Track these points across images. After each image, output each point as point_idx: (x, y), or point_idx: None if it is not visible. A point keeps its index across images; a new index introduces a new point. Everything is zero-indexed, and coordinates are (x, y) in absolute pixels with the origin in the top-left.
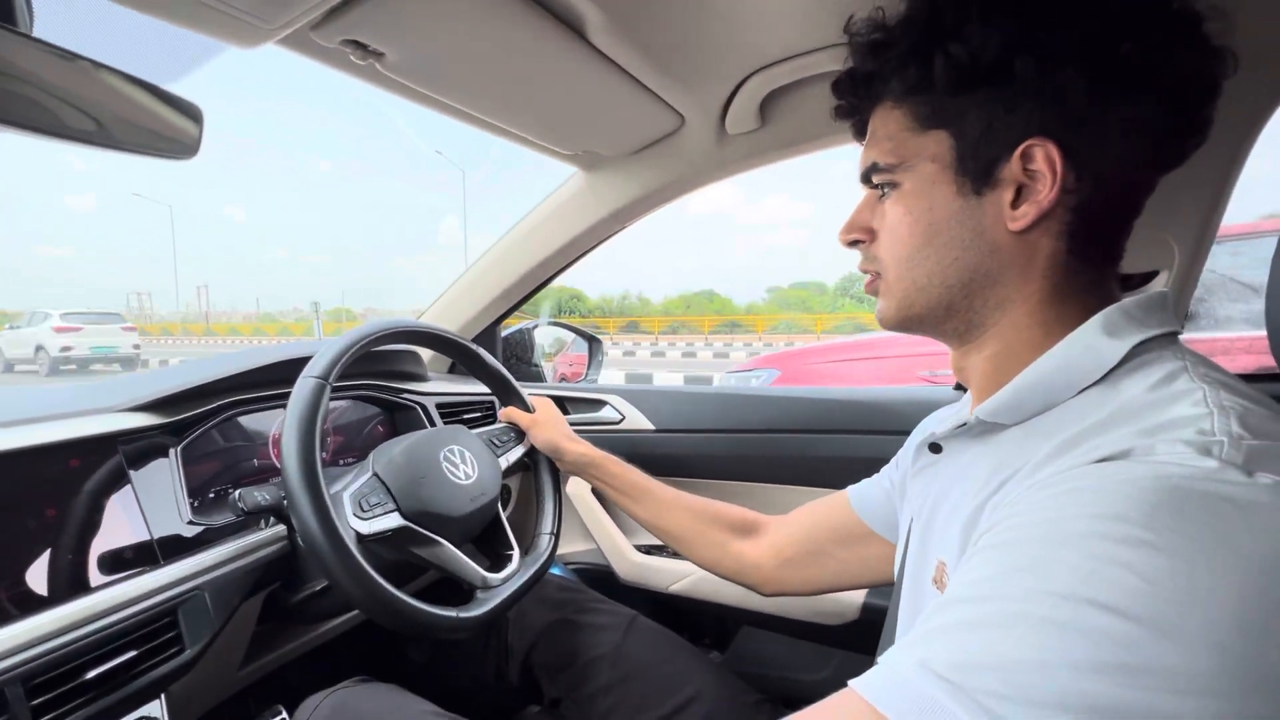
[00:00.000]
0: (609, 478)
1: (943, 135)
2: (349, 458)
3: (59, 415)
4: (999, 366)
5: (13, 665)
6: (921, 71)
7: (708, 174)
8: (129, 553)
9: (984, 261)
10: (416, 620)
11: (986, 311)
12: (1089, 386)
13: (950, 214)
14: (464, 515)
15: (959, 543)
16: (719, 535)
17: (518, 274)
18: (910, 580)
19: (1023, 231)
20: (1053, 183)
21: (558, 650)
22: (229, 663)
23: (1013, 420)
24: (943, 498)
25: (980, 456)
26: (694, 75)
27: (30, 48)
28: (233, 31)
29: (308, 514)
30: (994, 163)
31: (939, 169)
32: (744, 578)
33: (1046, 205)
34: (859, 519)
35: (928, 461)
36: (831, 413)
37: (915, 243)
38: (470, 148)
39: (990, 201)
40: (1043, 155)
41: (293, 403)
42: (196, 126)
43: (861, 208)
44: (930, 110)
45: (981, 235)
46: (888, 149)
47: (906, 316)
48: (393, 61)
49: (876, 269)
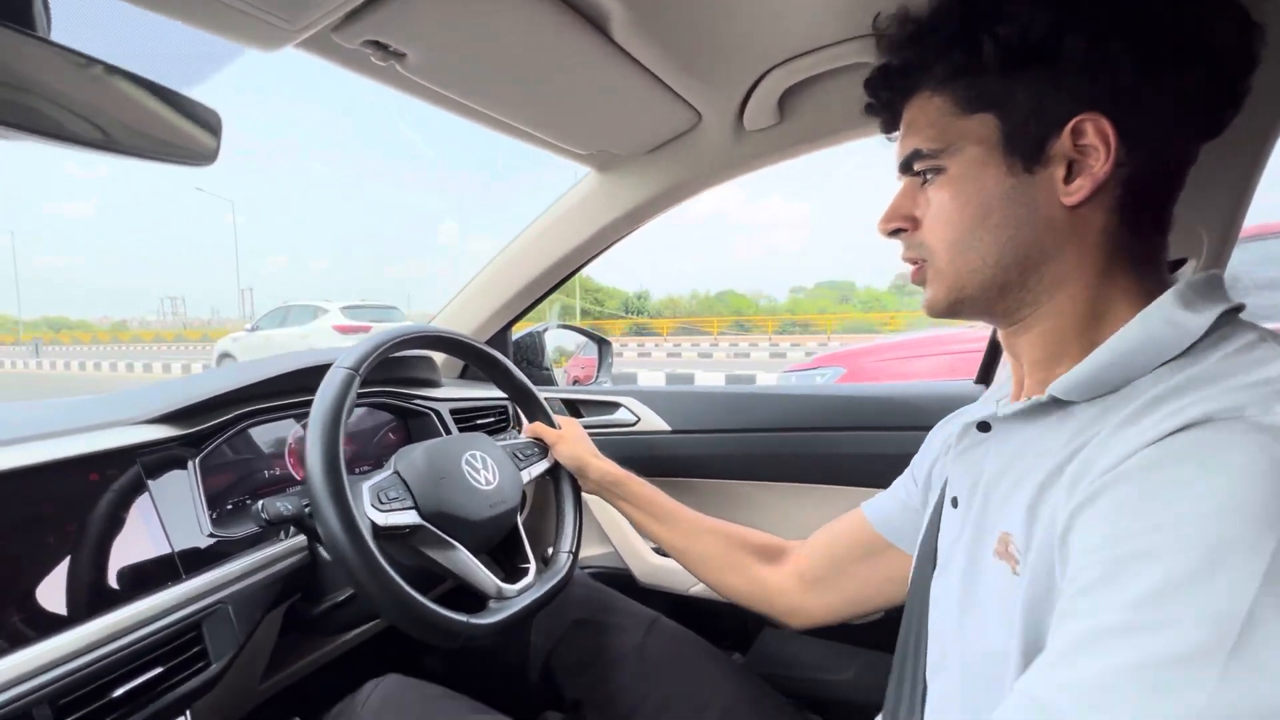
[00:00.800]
0: (631, 497)
1: (988, 117)
2: (364, 466)
3: (76, 429)
4: (1055, 341)
5: (40, 685)
6: (967, 56)
7: (723, 172)
8: (150, 566)
9: (1039, 238)
10: (426, 620)
11: (1041, 289)
12: (1168, 361)
13: (1002, 193)
14: (482, 520)
15: (1027, 513)
16: (742, 561)
17: (530, 276)
18: (963, 557)
19: (1076, 206)
20: (1106, 156)
21: (579, 650)
22: (251, 676)
23: (1085, 397)
24: (1001, 474)
25: (1045, 432)
26: (713, 71)
27: (48, 52)
28: (254, 34)
29: (325, 498)
30: (1044, 140)
31: (986, 150)
32: (768, 607)
33: (1101, 177)
34: (877, 533)
35: (974, 441)
36: (848, 410)
37: (967, 225)
38: (468, 150)
39: (1043, 178)
40: (1094, 129)
41: (322, 390)
42: (215, 133)
43: (902, 197)
44: (975, 94)
45: (1036, 212)
46: (931, 135)
47: (958, 299)
48: (413, 62)
49: (921, 255)
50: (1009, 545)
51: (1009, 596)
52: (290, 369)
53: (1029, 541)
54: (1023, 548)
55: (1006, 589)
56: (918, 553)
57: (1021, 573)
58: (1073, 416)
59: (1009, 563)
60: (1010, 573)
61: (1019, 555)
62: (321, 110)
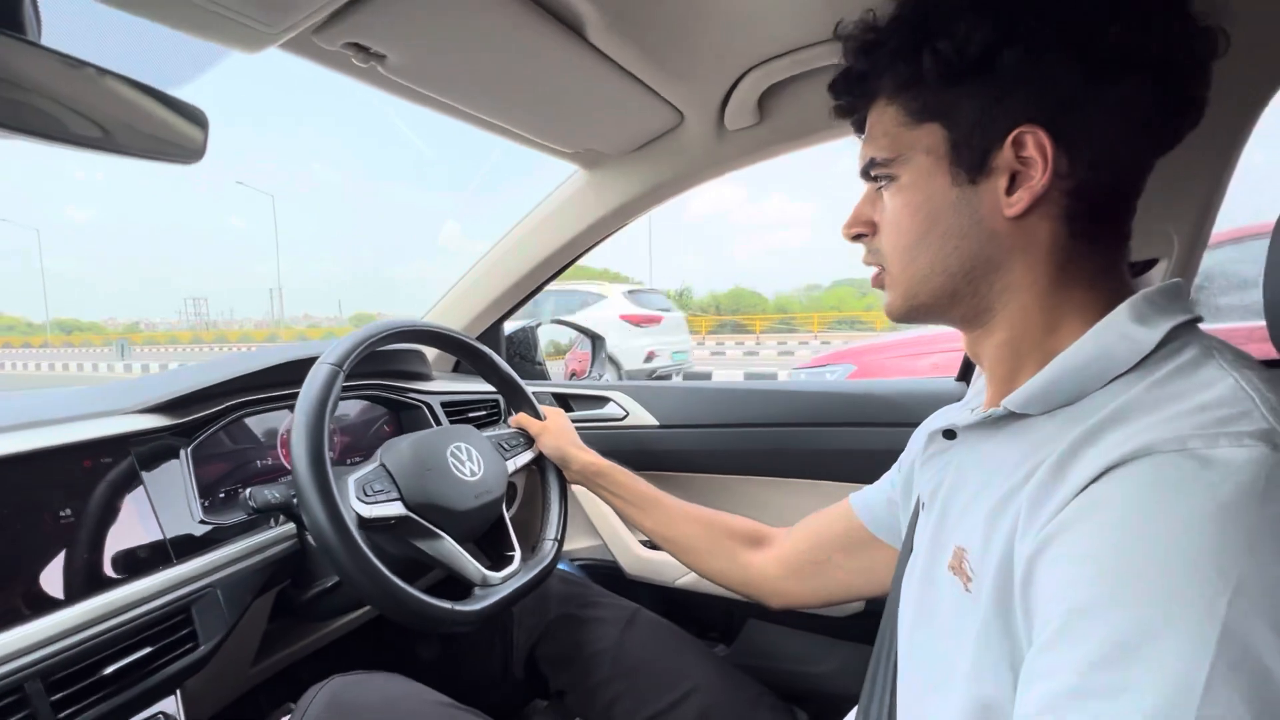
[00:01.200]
0: (615, 487)
1: (935, 128)
2: (355, 457)
3: (71, 418)
4: (1012, 352)
5: (33, 661)
6: (911, 68)
7: (708, 170)
8: (142, 552)
9: (984, 248)
10: (411, 608)
11: (992, 297)
12: (1121, 374)
13: (947, 204)
14: (467, 511)
15: (983, 531)
16: (727, 546)
17: (520, 272)
18: (921, 566)
19: (1019, 217)
20: (1044, 168)
21: (562, 644)
22: (241, 660)
23: (1040, 410)
24: (959, 485)
25: (1002, 445)
26: (692, 72)
27: (37, 55)
28: (235, 36)
29: (311, 491)
30: (987, 151)
31: (934, 160)
32: (751, 589)
33: (1039, 190)
34: (863, 525)
35: (940, 448)
36: (836, 406)
37: (916, 233)
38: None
39: (986, 189)
40: (1033, 142)
41: (306, 386)
42: (202, 130)
43: (863, 202)
44: (922, 104)
45: (980, 223)
46: (884, 144)
47: (912, 306)
48: (394, 64)
49: (880, 262)
50: (963, 560)
51: (959, 614)
52: (281, 360)
53: (983, 561)
54: (976, 566)
55: (957, 605)
56: (901, 548)
57: (974, 592)
58: (1031, 429)
59: (961, 579)
60: (962, 589)
61: (971, 573)
62: (317, 108)
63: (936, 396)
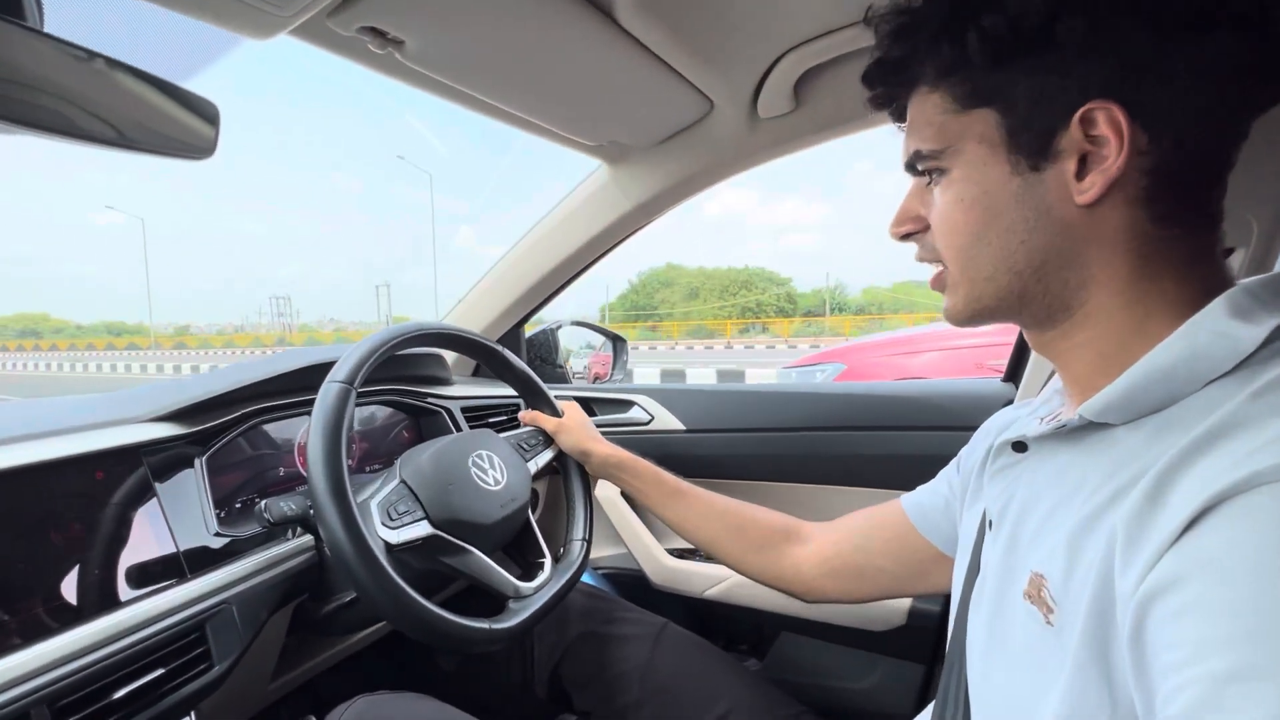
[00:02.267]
0: (638, 480)
1: (987, 113)
2: (375, 464)
3: (82, 427)
4: (1094, 354)
5: (40, 686)
6: (955, 49)
7: (737, 162)
8: (155, 566)
9: (1054, 241)
10: (448, 633)
11: (1068, 294)
12: (1218, 378)
13: (1008, 195)
14: (494, 523)
15: (1065, 558)
16: (759, 540)
17: (541, 273)
18: (991, 590)
19: (1092, 204)
20: (1120, 147)
21: (586, 663)
22: (259, 676)
23: (1124, 419)
24: (1032, 504)
25: (1082, 459)
26: (725, 56)
27: (40, 43)
28: (247, 21)
29: (335, 524)
30: (1050, 134)
31: (988, 149)
32: (785, 584)
33: (1115, 172)
34: (917, 531)
35: (1009, 461)
36: (872, 409)
37: (973, 230)
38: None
39: (1052, 176)
40: (1105, 118)
41: (317, 409)
42: (213, 126)
43: (910, 198)
44: (970, 89)
45: (1047, 214)
46: (929, 134)
47: (976, 310)
48: (412, 50)
49: (936, 258)
50: (1041, 589)
51: (1041, 648)
52: (297, 366)
53: (1067, 591)
54: (1058, 595)
55: (1038, 640)
56: (965, 567)
57: (1059, 626)
58: (1113, 442)
59: (1040, 609)
60: (1042, 621)
61: (1053, 602)
62: (340, 121)
63: (983, 399)
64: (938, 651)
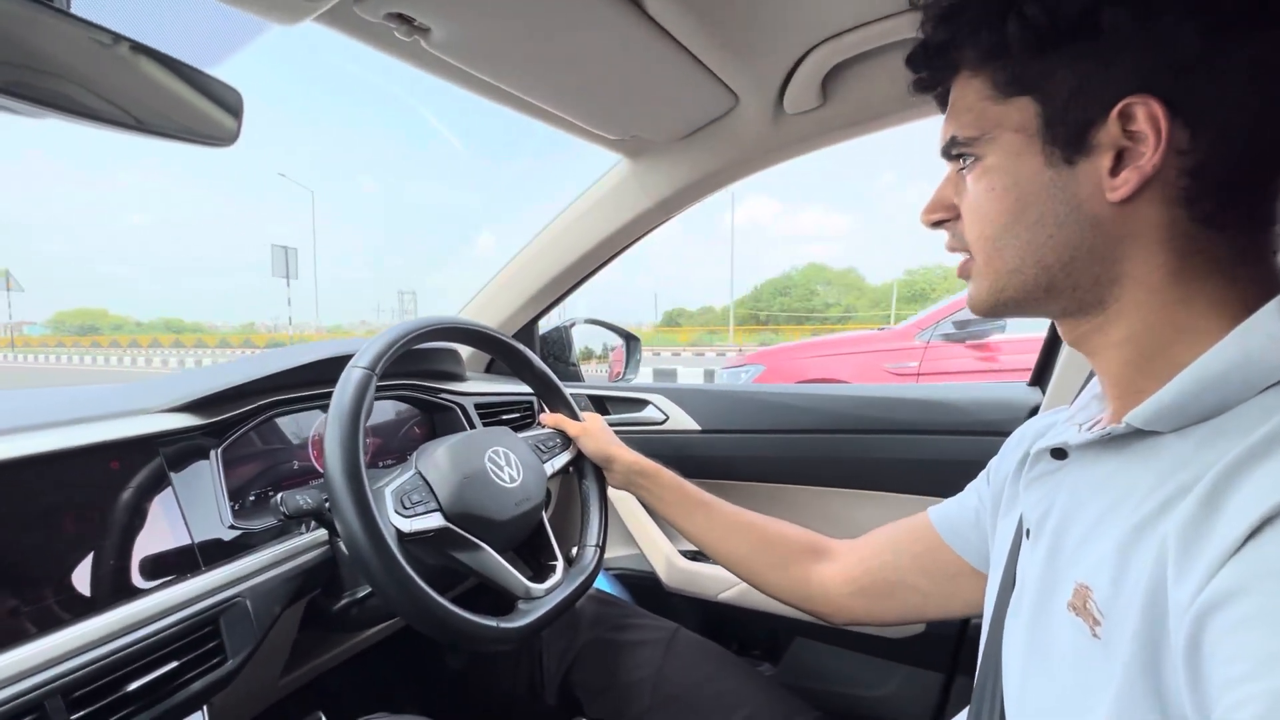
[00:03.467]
0: (662, 489)
1: (1026, 102)
2: (388, 460)
3: (99, 416)
4: (1135, 354)
5: (55, 677)
6: (996, 36)
7: (760, 158)
8: (170, 557)
9: (1084, 237)
10: (456, 628)
11: (1100, 290)
12: (1274, 384)
13: (1039, 187)
14: (508, 520)
15: (1113, 567)
16: (783, 558)
17: (559, 268)
18: (1031, 601)
19: (1126, 201)
20: (1156, 144)
21: (596, 671)
22: (270, 672)
23: (1173, 426)
24: (1075, 513)
25: (1128, 467)
26: (754, 49)
27: (66, 25)
28: (272, 5)
29: (349, 509)
30: (1087, 127)
31: (1024, 139)
32: (811, 605)
33: (1150, 170)
34: (947, 546)
35: (1048, 468)
36: (892, 411)
37: (1003, 221)
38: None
39: (1085, 170)
40: (1144, 114)
41: (337, 393)
42: (236, 114)
43: (944, 185)
44: (1010, 76)
45: (1078, 208)
46: (967, 121)
47: (999, 301)
48: (438, 38)
49: (965, 247)
50: (1087, 600)
51: (1087, 661)
52: (314, 358)
53: (1116, 602)
54: (1106, 608)
55: (1085, 651)
56: (999, 578)
57: (1106, 639)
58: (1162, 449)
59: (1086, 620)
60: (1089, 634)
61: (1100, 614)
62: (363, 126)
63: (1009, 403)
64: (957, 660)
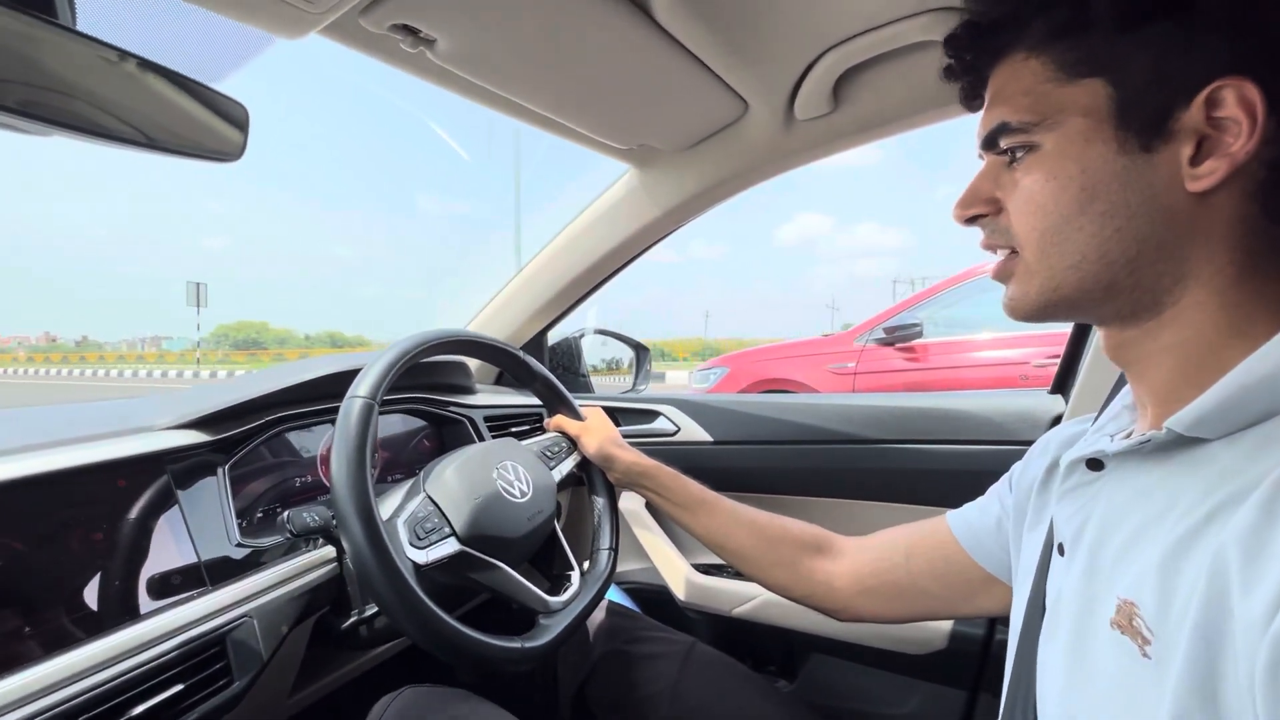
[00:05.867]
0: (663, 489)
1: (1097, 84)
2: (396, 474)
3: (106, 434)
4: (1182, 359)
5: (56, 702)
6: (1075, 12)
7: (770, 165)
8: (176, 577)
9: (1155, 231)
10: (479, 654)
11: (1160, 290)
12: None
13: (1110, 176)
14: (522, 536)
15: (1158, 582)
16: (788, 553)
17: (567, 279)
18: (1070, 619)
19: (1206, 192)
20: (1250, 132)
21: (612, 684)
22: (278, 691)
23: (1219, 433)
24: (1113, 526)
25: (1172, 477)
26: (764, 55)
27: (71, 42)
28: (277, 19)
29: (363, 547)
30: (1168, 111)
31: (1093, 124)
32: (816, 601)
33: (1242, 158)
34: (964, 552)
35: (1083, 480)
36: (909, 421)
37: (1064, 212)
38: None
39: (1164, 158)
40: (1235, 98)
41: (340, 425)
42: (242, 128)
43: (982, 178)
44: (1083, 55)
45: (1154, 199)
46: (1024, 105)
47: (1051, 301)
48: (444, 49)
49: (1009, 244)
50: (1133, 617)
51: (1135, 683)
52: (322, 374)
53: (1166, 619)
54: (1155, 625)
55: (1135, 674)
56: (1026, 595)
57: (1156, 656)
58: (1208, 457)
59: (1134, 639)
60: (1137, 653)
61: (1150, 632)
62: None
63: (1029, 412)
64: (980, 678)
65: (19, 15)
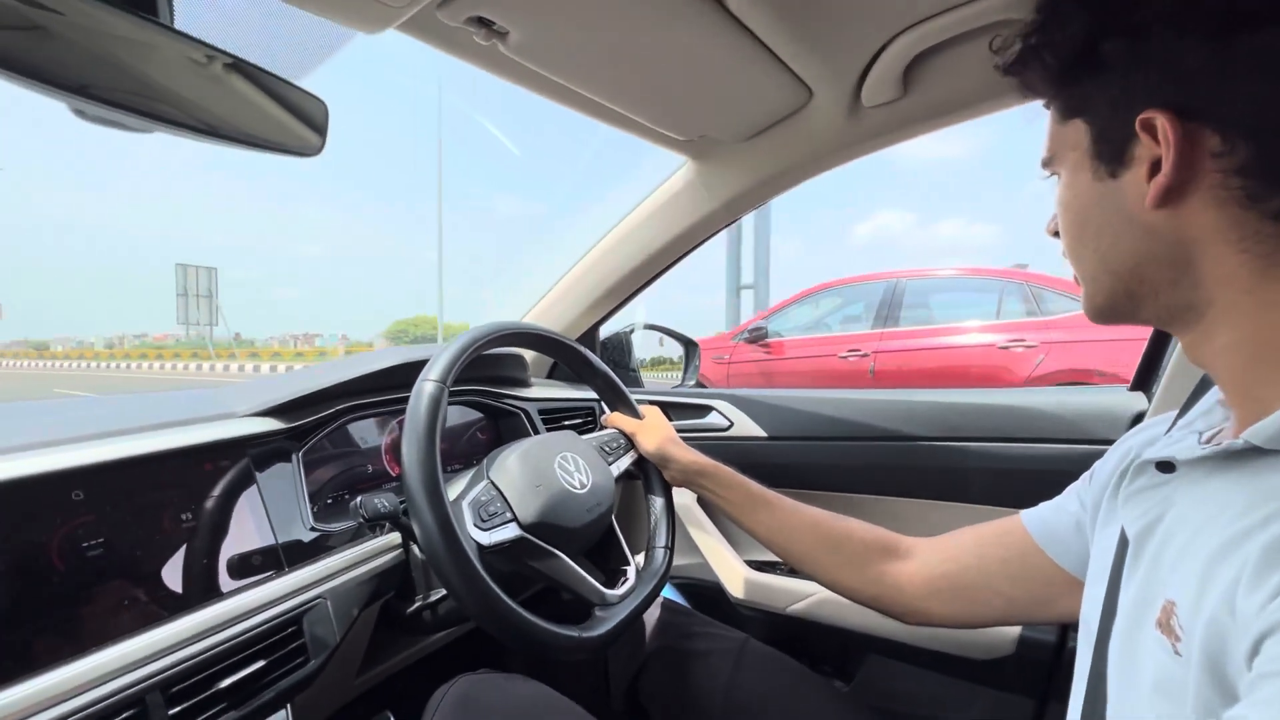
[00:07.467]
0: (721, 488)
1: (1080, 124)
2: (454, 464)
3: (191, 420)
4: (1247, 359)
5: (155, 672)
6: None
7: (832, 155)
8: (256, 557)
9: (1143, 244)
10: (536, 638)
11: (1180, 292)
12: None
13: (1092, 200)
14: (581, 526)
15: (1197, 583)
16: (853, 554)
17: (622, 272)
18: (1127, 619)
19: (1169, 207)
20: (1170, 154)
21: (665, 680)
22: (347, 672)
23: None
24: (1175, 529)
25: (1231, 484)
26: (833, 40)
27: (170, 41)
28: (358, 13)
29: (431, 525)
30: (1125, 142)
31: (1080, 158)
32: (884, 605)
33: (1170, 178)
34: (1041, 550)
35: (1152, 482)
36: (978, 417)
37: (1073, 234)
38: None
39: (1128, 182)
40: (1160, 126)
41: (412, 408)
42: (321, 125)
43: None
44: (1064, 102)
45: (1130, 218)
46: (1046, 143)
47: (1098, 307)
48: (515, 41)
49: None
50: (1171, 616)
51: (1170, 680)
52: (389, 364)
53: (1194, 618)
54: (1186, 623)
55: (1170, 674)
56: (1101, 596)
57: (1185, 654)
58: (1269, 470)
59: (1170, 638)
60: (1171, 651)
61: (1180, 631)
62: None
63: (1108, 409)
64: (1051, 685)
65: (126, 15)
